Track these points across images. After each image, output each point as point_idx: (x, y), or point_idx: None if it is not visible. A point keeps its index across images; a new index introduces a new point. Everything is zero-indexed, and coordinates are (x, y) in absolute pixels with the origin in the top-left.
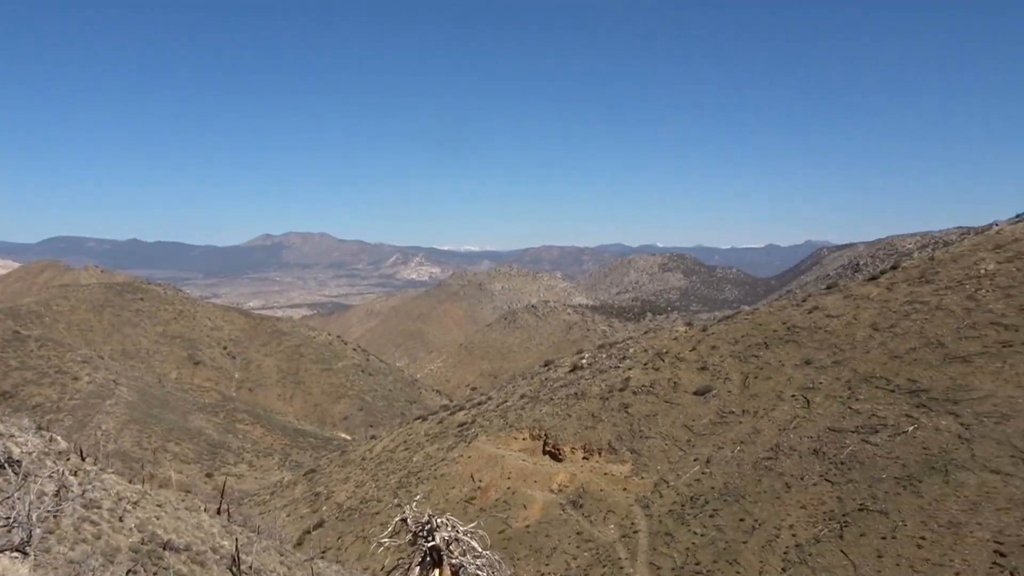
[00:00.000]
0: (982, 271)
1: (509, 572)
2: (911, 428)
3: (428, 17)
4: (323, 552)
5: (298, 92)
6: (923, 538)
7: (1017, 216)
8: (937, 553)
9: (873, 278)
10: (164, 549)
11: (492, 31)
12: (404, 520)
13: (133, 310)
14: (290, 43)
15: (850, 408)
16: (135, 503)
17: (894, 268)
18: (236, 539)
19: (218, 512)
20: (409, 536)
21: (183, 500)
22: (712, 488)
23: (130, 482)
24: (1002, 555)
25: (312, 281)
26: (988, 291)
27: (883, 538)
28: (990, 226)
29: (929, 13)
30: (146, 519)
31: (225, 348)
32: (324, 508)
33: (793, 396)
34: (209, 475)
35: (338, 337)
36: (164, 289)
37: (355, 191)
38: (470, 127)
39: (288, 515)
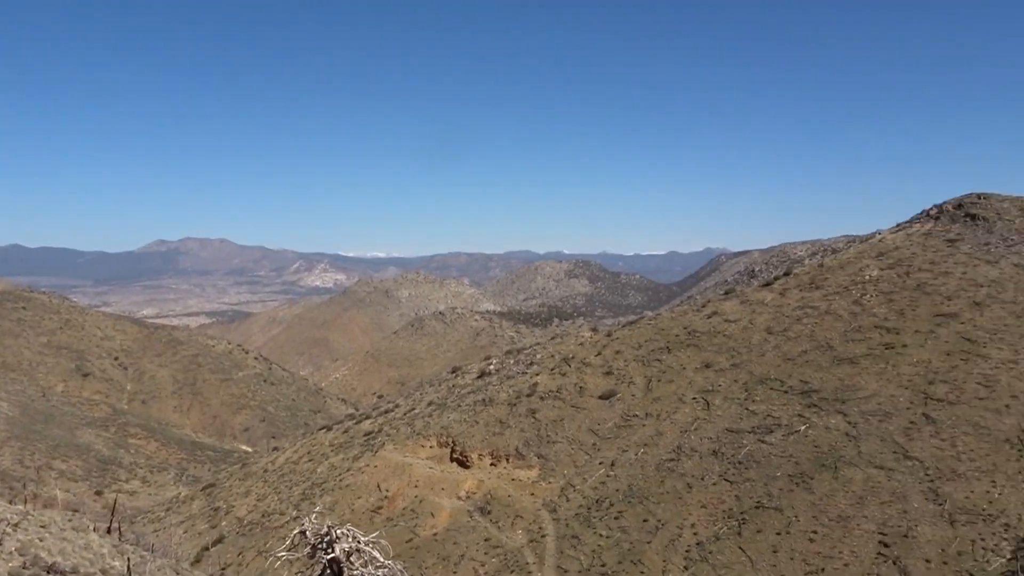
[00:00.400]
0: (867, 277)
1: None
2: (803, 427)
3: (328, 11)
4: (223, 569)
5: (194, 90)
6: (815, 532)
7: (897, 225)
8: (827, 546)
9: (768, 284)
10: (48, 572)
11: (387, 31)
12: (303, 532)
13: (14, 319)
14: (177, 39)
15: (747, 409)
16: (15, 525)
17: (787, 274)
18: (128, 559)
19: (108, 531)
20: (308, 549)
21: (70, 520)
22: (617, 490)
23: (10, 503)
24: (885, 545)
25: (211, 288)
26: (872, 296)
27: (778, 534)
28: (873, 235)
29: (816, 26)
30: (28, 542)
31: (116, 359)
32: (224, 523)
33: (694, 399)
34: (99, 493)
35: (239, 346)
36: (49, 297)
37: (257, 196)
38: (381, 133)
39: (185, 532)
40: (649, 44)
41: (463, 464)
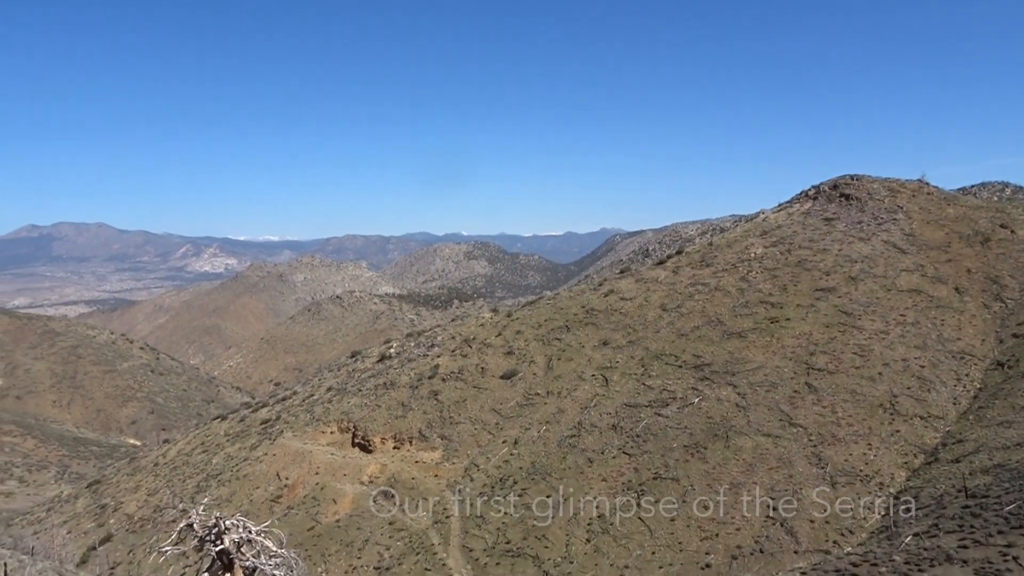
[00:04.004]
0: (752, 255)
1: (320, 570)
2: (696, 400)
3: None
4: (112, 568)
5: (63, 62)
6: (709, 500)
7: (779, 205)
8: (721, 512)
9: (661, 262)
10: None
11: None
12: (190, 525)
13: None
14: (44, 10)
15: (644, 384)
16: None
17: (679, 253)
18: (4, 564)
19: None
20: (195, 541)
21: None
22: (520, 468)
23: None
24: (774, 508)
25: (90, 276)
26: (758, 272)
27: (675, 503)
28: (758, 214)
29: (704, 13)
30: None
31: None
32: (112, 521)
33: (593, 376)
34: None
35: (123, 336)
36: None
37: (137, 178)
38: (273, 112)
39: (69, 532)
40: (541, 23)
41: (365, 449)
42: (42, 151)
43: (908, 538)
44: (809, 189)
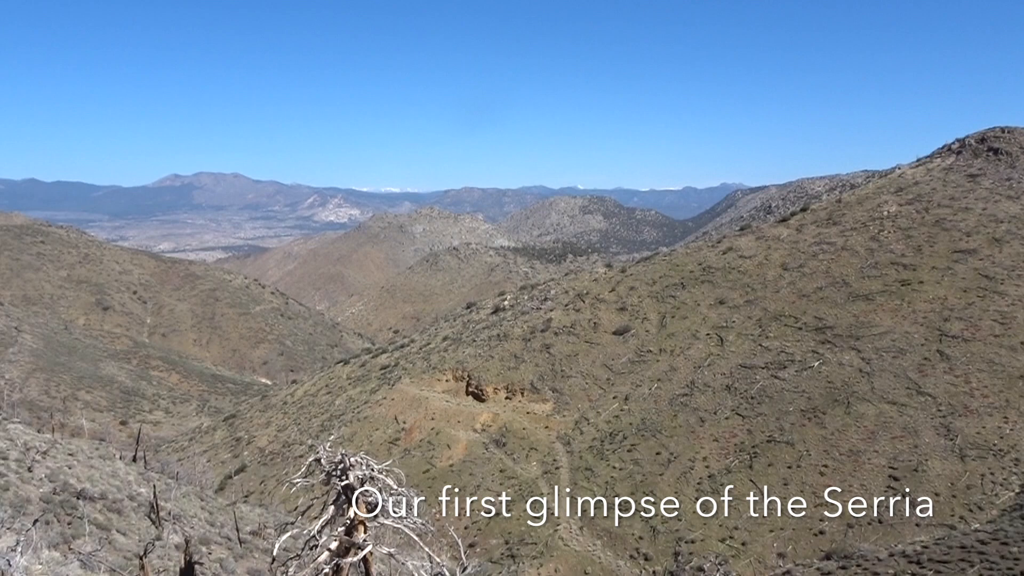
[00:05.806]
0: (885, 213)
1: (434, 511)
2: (816, 363)
3: None
4: (246, 496)
5: (207, 22)
6: (825, 466)
7: (918, 160)
8: (837, 479)
9: (784, 220)
10: (78, 498)
11: None
12: (318, 460)
13: (34, 254)
14: None
15: (760, 345)
16: (44, 453)
17: (803, 210)
18: (154, 486)
19: (134, 460)
20: (323, 476)
21: (96, 449)
22: (630, 424)
23: (38, 432)
24: (895, 479)
25: (226, 223)
26: (890, 232)
27: (789, 467)
28: (893, 170)
29: None
30: (57, 469)
31: (135, 293)
32: (245, 453)
33: (708, 335)
34: (123, 423)
35: (255, 281)
36: (67, 232)
37: (269, 130)
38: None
39: (208, 461)
40: None
41: (478, 398)
42: (185, 103)
43: None
44: (952, 143)
